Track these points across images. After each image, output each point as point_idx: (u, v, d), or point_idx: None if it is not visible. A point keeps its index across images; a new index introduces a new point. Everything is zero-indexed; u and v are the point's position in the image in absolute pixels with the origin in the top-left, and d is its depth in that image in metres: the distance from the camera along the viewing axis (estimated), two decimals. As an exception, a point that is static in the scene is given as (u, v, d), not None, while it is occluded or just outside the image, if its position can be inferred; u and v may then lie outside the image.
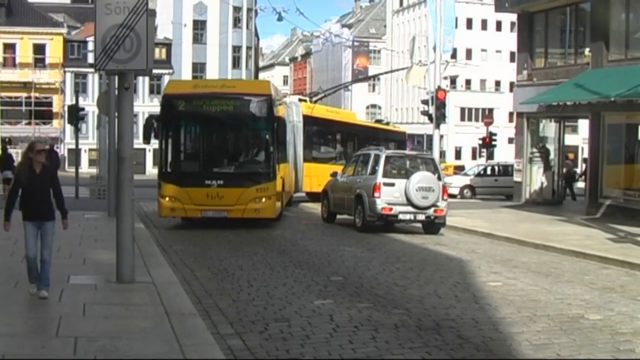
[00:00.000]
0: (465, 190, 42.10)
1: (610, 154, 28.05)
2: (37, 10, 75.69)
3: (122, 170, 11.48)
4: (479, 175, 43.60)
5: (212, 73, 77.23)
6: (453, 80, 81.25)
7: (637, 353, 8.97)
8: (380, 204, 21.43)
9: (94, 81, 72.06)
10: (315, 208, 28.49)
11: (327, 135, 37.18)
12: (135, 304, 10.06)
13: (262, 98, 21.74)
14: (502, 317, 10.53)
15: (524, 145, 33.43)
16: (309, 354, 8.48)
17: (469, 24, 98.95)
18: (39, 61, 74.48)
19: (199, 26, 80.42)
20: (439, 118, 28.72)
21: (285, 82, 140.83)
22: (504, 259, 17.21)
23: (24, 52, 73.88)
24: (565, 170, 35.70)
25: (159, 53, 73.10)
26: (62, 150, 67.69)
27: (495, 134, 52.20)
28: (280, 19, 50.49)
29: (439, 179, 22.23)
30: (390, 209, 21.48)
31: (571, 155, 40.75)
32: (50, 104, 74.67)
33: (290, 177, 27.91)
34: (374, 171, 22.15)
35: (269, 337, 9.14)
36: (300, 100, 35.65)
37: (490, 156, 55.45)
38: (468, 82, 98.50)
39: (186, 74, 75.95)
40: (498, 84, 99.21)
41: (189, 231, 20.80)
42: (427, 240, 20.39)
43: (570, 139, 42.66)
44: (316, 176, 31.29)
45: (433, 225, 22.07)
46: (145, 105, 73.26)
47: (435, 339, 9.20)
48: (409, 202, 21.46)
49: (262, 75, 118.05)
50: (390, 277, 13.82)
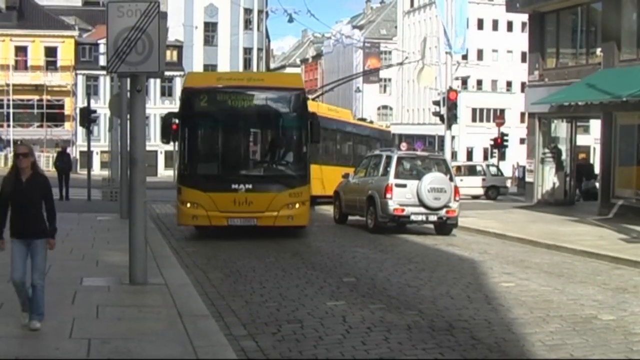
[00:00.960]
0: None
1: (622, 155, 27.95)
2: (49, 13, 75.93)
3: (135, 173, 11.51)
4: None
5: (223, 75, 77.13)
6: (464, 81, 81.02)
7: (651, 354, 8.95)
8: (392, 205, 21.41)
9: (105, 83, 72.25)
10: (327, 210, 28.46)
11: (330, 136, 35.91)
12: (148, 305, 10.08)
13: (295, 92, 19.93)
14: (515, 318, 10.51)
15: (536, 145, 33.35)
16: (321, 355, 8.49)
17: (480, 24, 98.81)
18: (51, 64, 74.66)
19: (210, 28, 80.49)
20: (451, 119, 28.70)
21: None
22: (517, 259, 17.18)
23: (36, 55, 74.14)
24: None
25: (170, 55, 73.15)
26: (74, 152, 67.77)
27: (506, 135, 52.09)
28: (291, 20, 50.75)
29: (451, 179, 22.22)
30: (402, 210, 21.44)
31: (582, 156, 40.55)
32: (62, 106, 74.84)
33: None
34: (385, 172, 22.14)
35: (281, 339, 9.15)
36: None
37: (502, 157, 55.35)
38: (479, 83, 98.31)
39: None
40: (509, 84, 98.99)
41: (200, 233, 20.76)
42: (439, 241, 20.37)
43: (582, 139, 42.42)
44: (319, 178, 29.44)
45: (445, 226, 22.03)
46: (157, 107, 73.51)
47: (448, 340, 9.19)
48: (421, 203, 21.42)
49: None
50: (403, 278, 13.81)
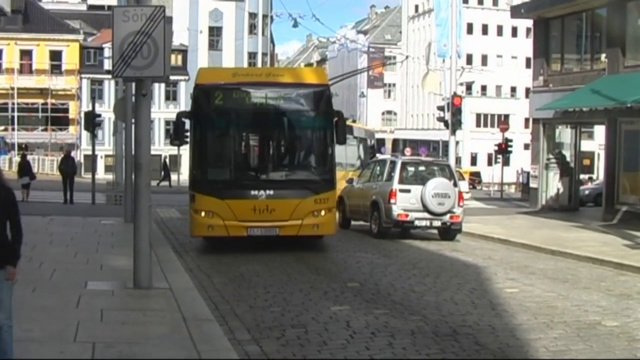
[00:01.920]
0: None
1: (626, 160, 27.91)
2: (54, 17, 76.04)
3: (139, 177, 11.52)
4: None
5: (228, 80, 77.21)
6: (469, 87, 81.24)
7: (655, 360, 8.95)
8: (396, 210, 21.41)
9: (110, 87, 72.30)
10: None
11: None
12: (152, 309, 10.09)
13: (319, 88, 18.09)
14: (519, 324, 10.51)
15: (540, 151, 33.32)
16: (325, 360, 8.50)
17: (485, 30, 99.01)
18: (56, 67, 74.79)
19: (215, 32, 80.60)
20: (455, 124, 28.76)
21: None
22: (521, 265, 17.16)
23: (41, 59, 74.25)
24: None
25: (175, 59, 73.25)
26: (79, 156, 67.87)
27: (511, 140, 52.03)
28: (295, 25, 50.57)
29: (455, 185, 22.19)
30: (406, 215, 21.44)
31: (587, 161, 40.62)
32: (66, 110, 74.95)
33: None
34: (390, 177, 22.15)
35: (286, 343, 9.16)
36: None
37: (506, 162, 55.32)
38: (484, 88, 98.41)
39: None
40: (514, 89, 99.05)
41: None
42: (444, 247, 20.34)
43: (586, 145, 42.55)
44: None
45: (449, 232, 22.00)
46: (162, 111, 73.60)
47: (452, 346, 9.19)
48: (425, 209, 21.40)
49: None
50: (407, 284, 13.81)
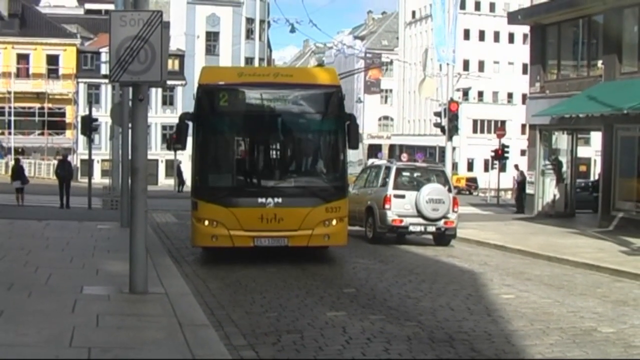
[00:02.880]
0: None
1: (622, 167, 27.97)
2: (51, 21, 76.06)
3: (136, 181, 11.50)
4: None
5: (225, 85, 77.25)
6: (465, 92, 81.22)
7: (651, 367, 8.95)
8: (391, 215, 21.61)
9: (106, 92, 72.27)
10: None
11: None
12: (148, 314, 10.07)
13: (330, 90, 17.05)
14: (515, 330, 10.51)
15: (537, 157, 33.38)
16: (321, 366, 8.49)
17: (482, 36, 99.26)
18: (52, 72, 74.80)
19: (212, 37, 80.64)
20: (452, 130, 28.74)
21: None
22: (517, 271, 17.18)
23: (38, 63, 74.27)
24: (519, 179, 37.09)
25: (172, 64, 73.26)
26: (75, 160, 67.82)
27: (507, 146, 52.05)
28: (292, 30, 50.66)
29: (450, 190, 22.41)
30: (401, 221, 21.62)
31: (583, 168, 40.71)
32: (63, 114, 74.95)
33: None
34: (384, 183, 22.35)
35: (281, 349, 9.15)
36: None
37: (502, 168, 55.36)
38: (480, 94, 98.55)
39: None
40: (510, 96, 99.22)
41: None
42: (440, 253, 20.36)
43: (582, 151, 42.53)
44: None
45: (444, 237, 22.15)
46: (158, 116, 73.72)
47: (448, 352, 9.19)
48: (420, 214, 21.58)
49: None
50: (403, 290, 13.80)
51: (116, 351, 8.06)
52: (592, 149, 59.91)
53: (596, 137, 40.50)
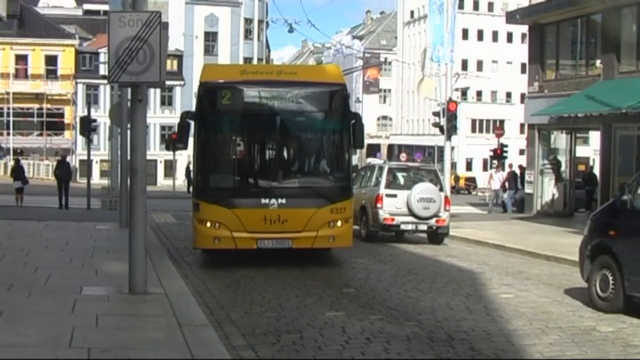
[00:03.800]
0: None
1: (621, 166, 27.97)
2: (49, 22, 76.04)
3: (135, 182, 11.50)
4: None
5: (223, 85, 77.20)
6: (464, 92, 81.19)
7: (650, 366, 8.96)
8: (383, 214, 22.10)
9: (105, 92, 72.24)
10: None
11: None
12: (147, 315, 10.08)
13: (335, 88, 16.67)
14: (514, 329, 10.52)
15: (535, 156, 33.41)
16: (321, 366, 8.50)
17: (480, 35, 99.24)
18: (51, 72, 74.77)
19: (210, 38, 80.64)
20: (450, 130, 28.78)
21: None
22: (516, 270, 17.20)
23: (36, 64, 74.25)
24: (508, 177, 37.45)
25: (170, 65, 73.17)
26: (74, 161, 67.79)
27: (506, 146, 51.90)
28: (291, 30, 50.59)
29: (441, 190, 22.82)
30: (393, 220, 22.12)
31: (582, 167, 40.66)
32: (62, 115, 74.91)
33: None
34: (377, 183, 22.88)
35: (281, 349, 9.16)
36: None
37: (501, 168, 55.32)
38: (479, 94, 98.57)
39: (197, 86, 75.97)
40: (509, 95, 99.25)
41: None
42: (439, 252, 20.39)
43: (581, 151, 42.44)
44: None
45: (436, 235, 22.57)
46: (157, 116, 73.70)
47: (447, 351, 9.20)
48: (411, 213, 22.05)
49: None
50: (402, 289, 13.82)
51: (116, 351, 8.06)
52: (591, 148, 59.84)
53: (595, 137, 40.48)
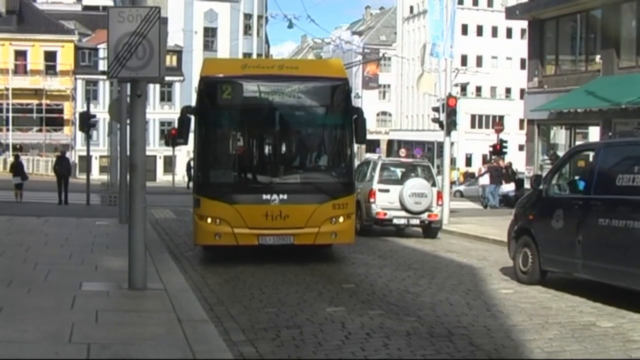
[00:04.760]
0: None
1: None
2: (48, 18, 75.99)
3: (134, 178, 11.49)
4: None
5: (223, 80, 77.23)
6: (464, 88, 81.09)
7: (650, 361, 8.95)
8: (375, 208, 22.54)
9: (104, 88, 72.29)
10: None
11: None
12: (147, 310, 10.08)
13: (337, 82, 16.47)
14: (514, 325, 10.52)
15: (535, 152, 33.43)
16: (321, 361, 8.49)
17: (480, 31, 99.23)
18: (50, 68, 74.78)
19: (210, 33, 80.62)
20: (450, 125, 28.73)
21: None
22: (515, 266, 17.16)
23: (35, 59, 74.22)
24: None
25: (170, 60, 73.16)
26: (73, 157, 67.81)
27: (505, 141, 51.91)
28: (290, 26, 50.47)
29: (433, 185, 23.19)
30: (385, 214, 22.53)
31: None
32: (61, 111, 74.92)
33: None
34: (370, 178, 23.25)
35: (281, 344, 9.15)
36: None
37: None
38: (479, 89, 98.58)
39: (197, 81, 75.97)
40: (508, 91, 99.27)
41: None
42: (438, 248, 20.40)
43: (581, 146, 42.53)
44: None
45: (430, 229, 23.07)
46: (156, 112, 73.66)
47: (447, 347, 9.19)
48: (403, 207, 22.43)
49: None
50: (402, 285, 13.82)
51: (115, 347, 8.06)
52: (591, 143, 59.82)
53: (594, 132, 40.49)
